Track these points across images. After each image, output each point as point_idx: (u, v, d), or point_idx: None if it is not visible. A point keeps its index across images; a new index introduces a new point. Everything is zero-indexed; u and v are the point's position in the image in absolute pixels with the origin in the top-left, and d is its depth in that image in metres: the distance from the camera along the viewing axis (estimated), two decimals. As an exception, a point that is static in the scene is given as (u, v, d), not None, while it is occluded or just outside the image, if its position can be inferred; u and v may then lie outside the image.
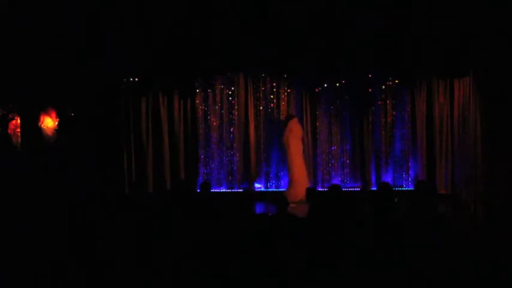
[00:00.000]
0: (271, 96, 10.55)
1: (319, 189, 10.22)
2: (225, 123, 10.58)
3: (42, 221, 5.65)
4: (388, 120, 10.28)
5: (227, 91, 10.57)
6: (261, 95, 10.55)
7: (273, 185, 10.56)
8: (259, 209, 8.68)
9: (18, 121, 8.06)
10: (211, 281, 4.14)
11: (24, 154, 7.98)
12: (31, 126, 8.21)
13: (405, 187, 10.17)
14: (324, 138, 10.47)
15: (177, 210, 5.30)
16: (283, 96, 10.54)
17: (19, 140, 8.04)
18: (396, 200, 4.94)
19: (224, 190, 10.54)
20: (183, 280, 4.19)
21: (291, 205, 7.87)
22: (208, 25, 8.57)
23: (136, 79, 9.96)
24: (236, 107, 10.53)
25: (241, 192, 10.33)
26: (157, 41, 8.85)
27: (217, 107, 10.59)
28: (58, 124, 8.72)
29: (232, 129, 10.58)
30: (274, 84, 10.55)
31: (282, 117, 10.29)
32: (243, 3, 8.27)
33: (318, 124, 10.50)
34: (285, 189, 9.79)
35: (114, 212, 5.28)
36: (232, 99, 10.57)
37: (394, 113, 10.28)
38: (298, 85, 10.45)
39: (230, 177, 10.60)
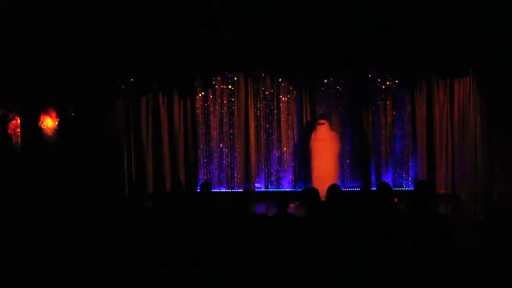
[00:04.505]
0: (271, 96, 10.55)
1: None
2: (225, 123, 10.58)
3: (42, 221, 5.65)
4: (388, 120, 10.29)
5: (227, 91, 10.57)
6: (261, 95, 10.56)
7: (273, 185, 10.57)
8: (259, 209, 8.71)
9: (18, 121, 8.07)
10: (210, 281, 4.15)
11: (24, 154, 7.98)
12: (31, 126, 8.22)
13: (405, 187, 10.17)
14: (324, 138, 10.46)
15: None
16: (283, 96, 10.54)
17: (19, 140, 8.04)
18: (396, 200, 4.93)
19: (224, 190, 10.54)
20: (182, 280, 4.19)
21: (291, 205, 7.88)
22: (208, 25, 8.57)
23: (136, 79, 9.95)
24: (236, 107, 10.53)
25: (239, 192, 10.37)
26: (157, 40, 8.84)
27: (217, 107, 10.59)
28: (58, 124, 8.72)
29: (232, 129, 10.58)
30: (274, 84, 10.55)
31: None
32: (244, 2, 8.27)
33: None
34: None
35: (114, 212, 5.28)
36: (232, 99, 10.57)
37: (394, 113, 10.28)
38: (298, 85, 10.46)
39: (230, 177, 10.60)
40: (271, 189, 10.49)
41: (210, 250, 4.32)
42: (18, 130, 8.04)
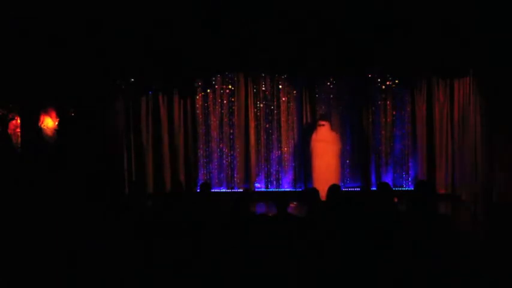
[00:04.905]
0: (271, 96, 10.55)
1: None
2: (225, 123, 10.58)
3: (42, 221, 5.65)
4: (388, 120, 10.29)
5: (227, 91, 10.58)
6: (261, 95, 10.56)
7: (273, 185, 10.57)
8: (259, 209, 8.71)
9: (18, 121, 8.07)
10: (210, 281, 4.15)
11: (24, 154, 7.98)
12: (31, 126, 8.22)
13: (405, 187, 10.18)
14: (324, 139, 10.47)
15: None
16: (283, 96, 10.54)
17: (19, 140, 8.04)
18: (396, 200, 4.94)
19: (224, 190, 10.54)
20: (182, 280, 4.19)
21: (291, 205, 7.89)
22: (208, 25, 8.57)
23: (136, 79, 9.95)
24: (236, 107, 10.53)
25: (239, 192, 10.37)
26: (157, 40, 8.84)
27: (217, 107, 10.59)
28: (58, 124, 8.72)
29: (232, 129, 10.58)
30: (274, 84, 10.55)
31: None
32: (244, 2, 8.27)
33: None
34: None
35: (114, 212, 5.28)
36: (232, 99, 10.57)
37: (394, 113, 10.29)
38: (298, 85, 10.46)
39: (230, 177, 10.60)
40: (271, 189, 10.49)
41: (210, 250, 4.32)
42: (18, 130, 8.04)
